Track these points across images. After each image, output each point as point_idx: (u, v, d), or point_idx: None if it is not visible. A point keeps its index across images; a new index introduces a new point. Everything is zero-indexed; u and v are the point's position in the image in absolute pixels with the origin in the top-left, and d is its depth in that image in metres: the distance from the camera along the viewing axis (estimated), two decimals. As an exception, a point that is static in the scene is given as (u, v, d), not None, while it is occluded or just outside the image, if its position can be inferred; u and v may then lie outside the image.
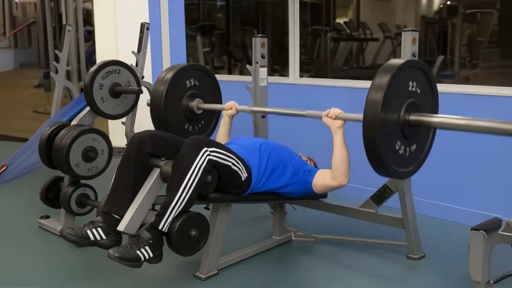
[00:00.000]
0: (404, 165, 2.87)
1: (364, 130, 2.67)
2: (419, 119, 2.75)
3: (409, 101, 2.76)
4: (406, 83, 2.77)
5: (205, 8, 10.59)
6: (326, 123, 3.23)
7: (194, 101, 3.91)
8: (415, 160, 2.96)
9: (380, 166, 2.76)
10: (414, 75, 2.83)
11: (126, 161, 3.16)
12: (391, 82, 2.64)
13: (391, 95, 2.65)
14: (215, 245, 3.21)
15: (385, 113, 2.63)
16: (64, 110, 5.28)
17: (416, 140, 2.91)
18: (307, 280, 3.28)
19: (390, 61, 2.78)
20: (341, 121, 3.17)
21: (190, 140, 3.04)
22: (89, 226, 3.06)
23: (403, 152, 2.83)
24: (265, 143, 3.42)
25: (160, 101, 3.77)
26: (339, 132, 3.20)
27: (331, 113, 3.20)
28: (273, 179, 3.33)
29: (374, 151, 2.68)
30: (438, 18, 8.86)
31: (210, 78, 4.04)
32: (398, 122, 2.73)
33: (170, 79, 3.79)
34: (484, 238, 2.60)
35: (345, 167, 3.21)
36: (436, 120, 2.74)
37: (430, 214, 4.15)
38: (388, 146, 2.72)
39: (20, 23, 8.22)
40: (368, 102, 2.66)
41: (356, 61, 9.60)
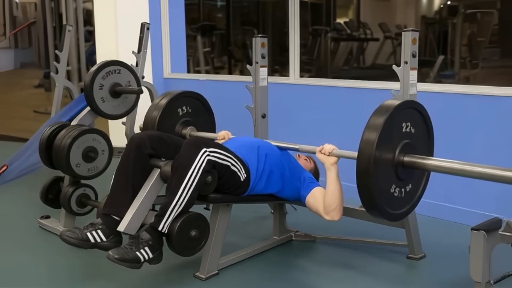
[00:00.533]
0: (397, 206, 2.86)
1: (358, 167, 2.67)
2: (413, 160, 2.76)
3: (404, 142, 2.77)
4: (401, 124, 2.77)
5: (205, 8, 10.59)
6: (320, 159, 3.19)
7: (187, 128, 3.93)
8: (409, 202, 2.96)
9: (373, 208, 2.76)
10: (410, 115, 2.83)
11: (125, 162, 3.15)
12: (387, 122, 2.64)
13: (386, 135, 2.65)
14: (215, 245, 3.21)
15: (379, 152, 2.64)
16: (64, 110, 5.29)
17: (411, 181, 2.91)
18: (308, 280, 3.28)
19: (386, 101, 2.79)
20: (335, 158, 3.15)
21: (189, 140, 3.05)
22: (88, 229, 3.05)
23: (397, 194, 2.83)
24: (263, 144, 3.40)
25: (152, 128, 3.79)
26: (332, 168, 3.15)
27: (325, 149, 3.15)
28: (271, 182, 3.31)
29: (367, 192, 2.68)
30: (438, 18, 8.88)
31: (204, 106, 4.06)
32: (392, 163, 2.74)
33: (164, 105, 3.82)
34: (485, 238, 2.60)
35: (337, 204, 3.15)
36: (430, 163, 2.76)
37: (431, 214, 4.15)
38: (382, 186, 2.72)
39: (20, 23, 8.23)
40: (363, 141, 2.66)
41: (356, 61, 9.61)
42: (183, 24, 6.75)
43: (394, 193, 2.81)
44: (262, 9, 10.38)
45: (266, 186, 3.30)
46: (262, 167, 3.27)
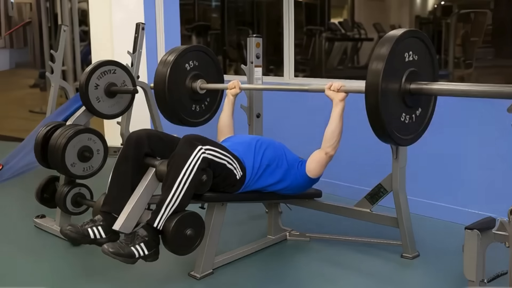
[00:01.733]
0: (407, 132, 2.94)
1: (367, 98, 2.73)
2: (419, 87, 2.84)
3: (410, 70, 2.84)
4: (405, 53, 2.83)
5: (200, 8, 10.57)
6: (328, 95, 3.30)
7: (197, 81, 3.97)
8: (418, 128, 3.06)
9: (383, 133, 2.83)
10: (414, 44, 2.92)
11: (124, 160, 3.16)
12: (392, 52, 2.70)
13: (392, 65, 2.71)
14: (210, 244, 3.22)
15: (386, 82, 2.69)
16: (59, 110, 5.28)
17: (419, 106, 2.98)
18: (302, 279, 3.29)
19: (389, 33, 2.85)
20: (344, 93, 3.22)
21: (185, 138, 3.05)
22: (89, 224, 3.06)
23: (406, 120, 2.89)
24: (260, 140, 3.42)
25: (164, 84, 3.84)
26: (340, 104, 3.27)
27: (334, 86, 3.27)
28: (266, 175, 3.33)
29: (376, 119, 2.75)
30: (432, 18, 8.88)
31: (211, 58, 4.10)
32: (399, 91, 2.80)
33: (173, 61, 3.86)
34: (478, 237, 2.61)
35: (336, 140, 3.29)
36: (436, 87, 2.84)
37: (425, 214, 4.17)
38: (390, 114, 2.77)
39: (15, 23, 8.21)
40: (369, 72, 2.73)
41: (350, 61, 9.61)
42: (178, 24, 6.75)
43: (404, 120, 2.89)
44: (257, 9, 10.37)
45: (260, 180, 3.31)
46: (258, 163, 3.28)
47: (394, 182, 3.41)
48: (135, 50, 4.52)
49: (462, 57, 7.77)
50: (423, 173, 4.20)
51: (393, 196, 3.43)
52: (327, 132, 3.29)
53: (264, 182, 3.34)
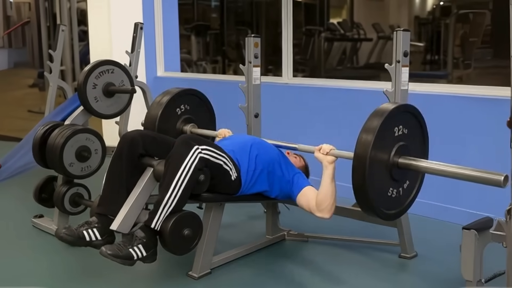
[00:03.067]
0: (391, 207, 2.90)
1: (354, 171, 2.71)
2: (408, 162, 2.82)
3: (400, 144, 2.82)
4: (396, 127, 2.81)
5: (199, 8, 10.59)
6: (317, 157, 3.19)
7: (188, 125, 3.94)
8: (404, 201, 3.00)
9: (369, 209, 2.80)
10: (406, 119, 2.89)
11: (118, 161, 3.16)
12: (382, 125, 2.70)
13: (382, 137, 2.70)
14: (208, 244, 3.22)
15: (375, 154, 2.68)
16: (58, 109, 5.28)
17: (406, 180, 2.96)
18: (300, 279, 3.29)
19: (381, 105, 2.84)
20: (333, 157, 3.16)
21: (181, 138, 3.05)
22: (84, 227, 3.05)
23: (394, 195, 2.88)
24: (255, 144, 3.40)
25: (154, 125, 3.80)
26: (329, 167, 3.16)
27: (323, 149, 3.17)
28: (261, 181, 3.32)
29: (363, 193, 2.72)
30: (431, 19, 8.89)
31: (205, 104, 4.07)
32: (387, 164, 2.79)
33: (165, 103, 3.82)
34: (476, 237, 2.61)
35: (330, 203, 3.16)
36: (424, 165, 2.83)
37: (423, 214, 4.16)
38: (377, 188, 2.76)
39: (14, 23, 8.21)
40: (359, 142, 2.71)
41: (350, 61, 9.63)
42: (176, 23, 6.76)
43: (391, 194, 2.86)
44: (256, 9, 10.39)
45: (256, 185, 3.31)
46: (253, 167, 3.27)
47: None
48: (134, 50, 4.52)
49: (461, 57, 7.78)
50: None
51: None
52: (320, 195, 3.19)
53: (258, 188, 3.33)
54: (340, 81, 5.17)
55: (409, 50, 3.28)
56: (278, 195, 3.41)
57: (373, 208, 2.77)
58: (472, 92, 4.09)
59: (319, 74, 9.12)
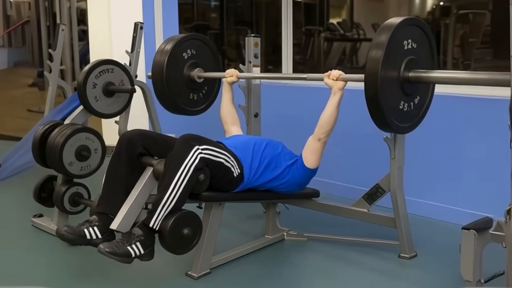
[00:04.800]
0: (404, 119, 2.95)
1: (366, 86, 2.73)
2: (418, 75, 2.84)
3: (409, 58, 2.84)
4: (405, 41, 2.84)
5: (199, 8, 10.58)
6: (327, 83, 3.31)
7: (194, 70, 3.97)
8: (416, 116, 3.07)
9: (382, 121, 2.84)
10: (413, 32, 2.92)
11: (117, 160, 3.16)
12: (390, 40, 2.70)
13: (391, 53, 2.71)
14: (207, 244, 3.22)
15: (385, 70, 2.70)
16: (57, 109, 5.28)
17: (417, 95, 2.98)
18: (300, 279, 3.29)
19: (388, 20, 2.86)
20: (343, 82, 3.22)
21: (181, 138, 3.06)
22: (85, 225, 3.06)
23: (404, 108, 2.89)
24: (259, 141, 3.43)
25: (161, 73, 3.84)
26: (338, 93, 3.27)
27: (332, 74, 3.28)
28: (265, 174, 3.34)
29: (376, 107, 2.76)
30: (431, 19, 8.88)
31: (209, 48, 4.10)
32: (398, 79, 2.81)
33: (170, 50, 3.87)
34: (475, 237, 2.61)
35: (330, 127, 3.31)
36: (435, 75, 2.86)
37: (423, 214, 4.16)
38: (390, 102, 2.78)
39: (14, 22, 8.21)
40: (369, 59, 2.73)
41: (349, 61, 9.62)
42: (176, 23, 6.75)
43: (403, 108, 2.91)
44: (256, 9, 10.38)
45: (262, 177, 3.32)
46: (257, 163, 3.29)
47: (392, 182, 3.41)
48: (133, 50, 4.51)
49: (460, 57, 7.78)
50: (420, 173, 4.20)
51: (390, 196, 3.43)
52: (322, 119, 3.31)
53: (264, 179, 3.35)
54: (340, 81, 5.16)
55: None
56: (288, 179, 3.45)
57: (386, 121, 2.81)
58: (471, 92, 4.08)
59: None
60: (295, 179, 3.46)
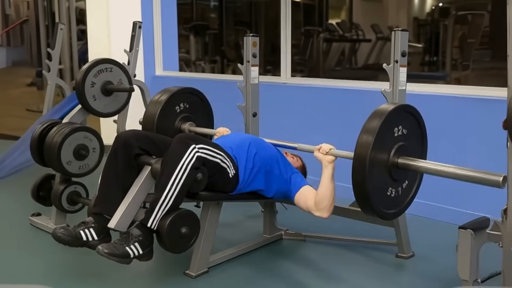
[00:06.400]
0: (390, 206, 2.91)
1: (354, 171, 2.71)
2: (407, 163, 2.82)
3: (399, 144, 2.82)
4: (396, 128, 2.82)
5: (198, 8, 10.59)
6: (317, 157, 3.19)
7: (186, 124, 3.94)
8: (403, 201, 3.00)
9: (368, 208, 2.81)
10: (405, 119, 2.88)
11: (113, 161, 3.15)
12: (382, 126, 2.69)
13: (382, 138, 2.71)
14: (205, 243, 3.23)
15: (375, 154, 2.69)
16: (56, 108, 5.28)
17: (405, 180, 2.96)
18: (297, 278, 3.30)
19: (381, 106, 2.84)
20: (332, 157, 3.15)
21: (178, 137, 3.05)
22: (81, 227, 3.06)
23: (393, 194, 2.88)
24: (253, 142, 3.40)
25: (152, 123, 3.79)
26: (329, 166, 3.15)
27: (323, 148, 3.17)
28: (258, 179, 3.31)
29: (363, 193, 2.73)
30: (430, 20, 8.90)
31: (203, 102, 4.07)
32: (387, 164, 2.79)
33: (164, 101, 3.82)
34: (472, 236, 2.61)
35: (328, 202, 3.15)
36: (423, 165, 2.83)
37: (420, 214, 4.17)
38: (376, 187, 2.76)
39: (12, 21, 8.21)
40: (359, 143, 2.71)
41: (348, 62, 9.63)
42: (175, 22, 6.76)
43: (390, 194, 2.86)
44: (255, 9, 10.39)
45: (254, 183, 3.31)
46: (251, 165, 3.27)
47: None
48: (132, 49, 4.52)
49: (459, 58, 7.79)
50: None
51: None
52: (319, 195, 3.18)
53: (256, 186, 3.33)
54: (339, 81, 5.17)
55: (407, 50, 3.28)
56: (275, 194, 3.41)
57: (372, 207, 2.77)
58: (469, 92, 4.09)
59: (317, 75, 9.12)
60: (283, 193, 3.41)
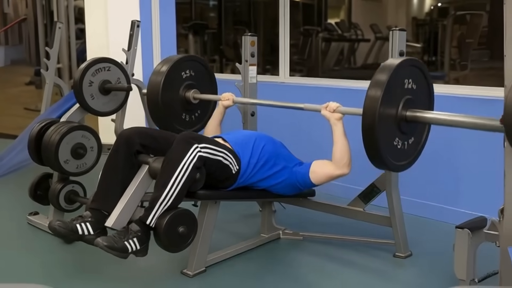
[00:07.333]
0: (401, 158, 2.95)
1: (364, 123, 2.72)
2: (415, 115, 2.83)
3: (406, 98, 2.84)
4: (403, 81, 2.83)
5: (197, 7, 10.58)
6: (324, 115, 3.26)
7: (190, 91, 3.94)
8: (411, 154, 3.05)
9: (378, 159, 2.82)
10: (412, 73, 2.90)
11: (114, 157, 3.16)
12: (390, 79, 2.70)
13: (390, 92, 2.72)
14: (203, 242, 3.23)
15: (384, 108, 2.70)
16: (54, 107, 5.28)
17: (413, 134, 2.99)
18: (295, 277, 3.29)
19: (388, 60, 2.86)
20: (340, 114, 3.20)
21: (181, 136, 3.05)
22: (78, 220, 3.06)
23: (400, 146, 2.90)
24: (260, 137, 3.42)
25: (157, 92, 3.79)
26: (338, 124, 3.23)
27: (330, 106, 3.24)
28: (262, 172, 3.34)
29: (372, 144, 2.75)
30: (429, 20, 8.89)
31: (206, 69, 4.08)
32: (395, 118, 2.81)
33: (167, 71, 3.82)
34: (469, 236, 2.62)
35: (347, 158, 3.24)
36: (431, 116, 2.85)
37: (418, 214, 4.17)
38: (386, 140, 2.78)
39: (11, 20, 8.20)
40: (368, 98, 2.72)
41: (347, 62, 9.62)
42: (173, 21, 6.75)
43: (397, 145, 2.91)
44: (254, 8, 10.37)
45: (258, 174, 3.32)
46: (255, 160, 3.28)
47: (387, 182, 3.42)
48: (130, 48, 4.52)
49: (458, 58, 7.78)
50: (416, 173, 4.20)
51: (386, 196, 3.44)
52: (335, 153, 3.24)
53: (259, 176, 3.34)
54: (337, 80, 5.17)
55: (405, 50, 3.29)
56: (281, 187, 3.44)
57: (381, 157, 2.80)
58: (468, 92, 4.09)
59: (316, 74, 9.11)
60: (292, 181, 3.43)
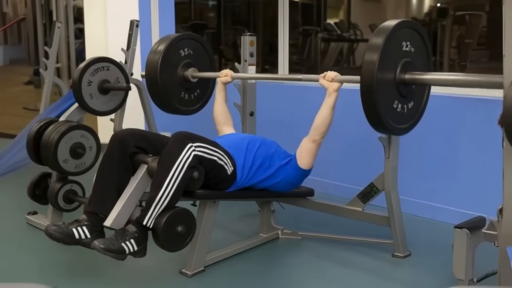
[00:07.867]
0: (401, 121, 2.97)
1: (362, 89, 2.74)
2: (413, 77, 2.84)
3: (404, 60, 2.84)
4: (400, 43, 2.84)
5: (196, 7, 10.58)
6: (322, 84, 3.31)
7: (189, 70, 3.95)
8: (412, 117, 3.08)
9: (378, 123, 2.83)
10: (408, 35, 2.91)
11: (108, 160, 3.16)
12: (386, 42, 2.71)
13: (387, 55, 2.72)
14: (201, 241, 3.22)
15: (381, 72, 2.70)
16: (52, 106, 5.27)
17: (413, 98, 2.99)
18: (293, 277, 3.30)
19: (384, 23, 2.86)
20: (338, 83, 3.22)
21: (175, 135, 3.05)
22: (74, 224, 3.06)
23: (400, 109, 2.90)
24: (253, 140, 3.43)
25: (155, 71, 3.82)
26: (334, 95, 3.26)
27: (328, 76, 3.28)
28: (258, 174, 3.34)
29: (372, 109, 2.75)
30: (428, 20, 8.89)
31: (204, 47, 4.09)
32: (394, 81, 2.81)
33: (164, 49, 3.84)
34: (468, 236, 2.62)
35: (325, 129, 3.31)
36: (430, 77, 2.87)
37: (417, 213, 4.17)
38: (385, 103, 2.79)
39: (10, 19, 8.20)
40: (364, 62, 2.72)
41: (346, 62, 9.63)
42: (173, 21, 6.74)
43: (397, 108, 2.92)
44: (254, 8, 10.38)
45: (255, 177, 3.32)
46: (250, 162, 3.29)
47: (386, 182, 3.41)
48: (129, 48, 4.51)
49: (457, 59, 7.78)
50: (414, 172, 4.21)
51: (385, 196, 3.44)
52: (316, 121, 3.31)
53: (256, 178, 3.34)
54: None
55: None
56: (282, 185, 3.45)
57: (382, 121, 2.80)
58: (467, 92, 4.09)
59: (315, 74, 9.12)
60: (288, 179, 3.46)
